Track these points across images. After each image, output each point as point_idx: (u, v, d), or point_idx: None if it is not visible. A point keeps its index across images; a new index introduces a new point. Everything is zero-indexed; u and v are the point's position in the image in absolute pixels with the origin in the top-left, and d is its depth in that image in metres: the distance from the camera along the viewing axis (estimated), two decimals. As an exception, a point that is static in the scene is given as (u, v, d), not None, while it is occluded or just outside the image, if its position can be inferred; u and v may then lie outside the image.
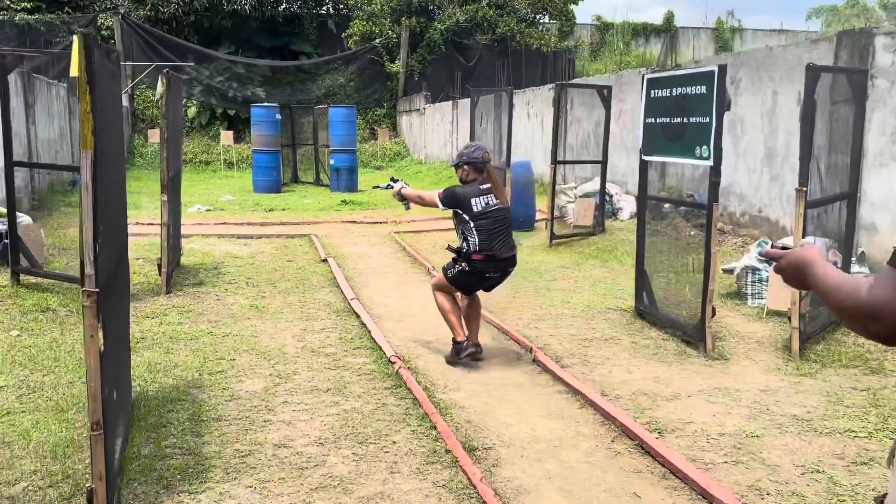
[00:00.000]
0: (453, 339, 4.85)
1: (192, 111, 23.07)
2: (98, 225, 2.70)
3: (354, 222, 11.13)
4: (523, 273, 7.55)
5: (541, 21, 26.12)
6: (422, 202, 4.97)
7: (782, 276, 1.54)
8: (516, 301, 6.48)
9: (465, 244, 4.72)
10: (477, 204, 4.67)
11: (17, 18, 21.59)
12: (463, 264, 4.72)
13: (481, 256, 4.68)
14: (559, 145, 9.98)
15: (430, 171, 19.30)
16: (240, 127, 22.29)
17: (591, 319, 5.90)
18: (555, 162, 8.66)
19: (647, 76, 5.72)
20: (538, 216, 10.46)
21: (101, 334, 2.75)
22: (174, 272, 7.13)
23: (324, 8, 26.61)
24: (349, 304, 6.26)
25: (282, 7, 24.97)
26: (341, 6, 26.56)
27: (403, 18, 23.01)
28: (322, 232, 10.22)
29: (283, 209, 12.59)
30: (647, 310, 5.85)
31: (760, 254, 1.86)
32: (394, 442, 3.65)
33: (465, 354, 4.78)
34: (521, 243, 9.22)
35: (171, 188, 6.81)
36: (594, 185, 10.18)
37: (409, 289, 6.99)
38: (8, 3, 21.97)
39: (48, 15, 22.33)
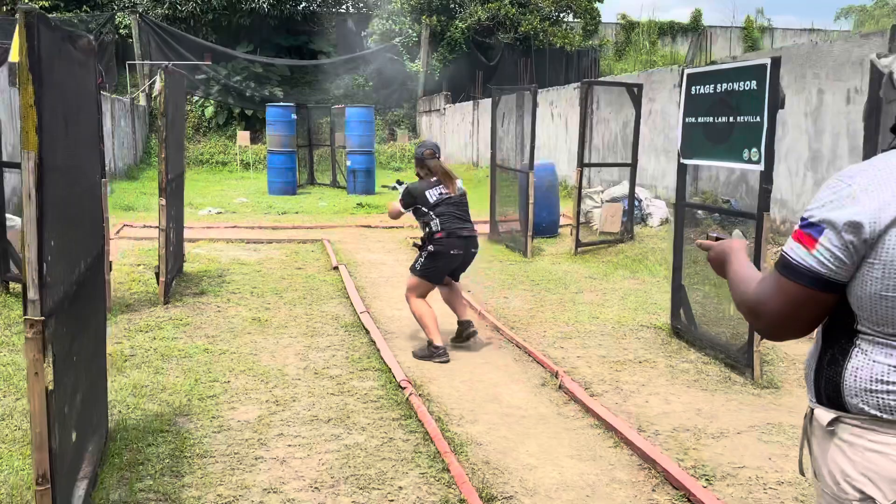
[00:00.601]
0: (429, 342, 4.95)
1: (209, 111, 22.82)
2: (45, 240, 2.25)
3: (369, 227, 10.68)
4: (546, 284, 7.04)
5: (564, 20, 25.55)
6: (394, 215, 5.35)
7: (711, 265, 1.65)
8: (539, 315, 5.98)
9: (427, 229, 5.04)
10: (431, 196, 5.03)
11: (35, 17, 21.42)
12: (429, 247, 5.00)
13: (443, 234, 4.98)
14: (585, 147, 9.46)
15: (449, 172, 18.83)
16: (257, 127, 21.98)
17: (623, 338, 5.37)
18: (581, 165, 8.15)
19: (687, 71, 5.19)
20: (562, 221, 9.94)
21: (48, 371, 2.30)
22: (175, 280, 6.72)
23: (343, 6, 26.27)
24: (359, 317, 5.80)
25: (301, 6, 24.66)
26: (361, 5, 26.20)
27: (424, 17, 22.59)
28: (335, 237, 9.78)
29: (297, 212, 12.18)
30: (684, 328, 5.32)
31: (697, 244, 1.89)
32: (400, 488, 3.17)
33: (437, 360, 4.86)
34: (544, 250, 8.73)
35: (172, 191, 6.40)
36: (622, 189, 9.64)
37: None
38: (26, 0, 21.82)
39: (66, 13, 22.18)
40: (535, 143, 8.15)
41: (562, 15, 25.36)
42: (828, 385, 1.40)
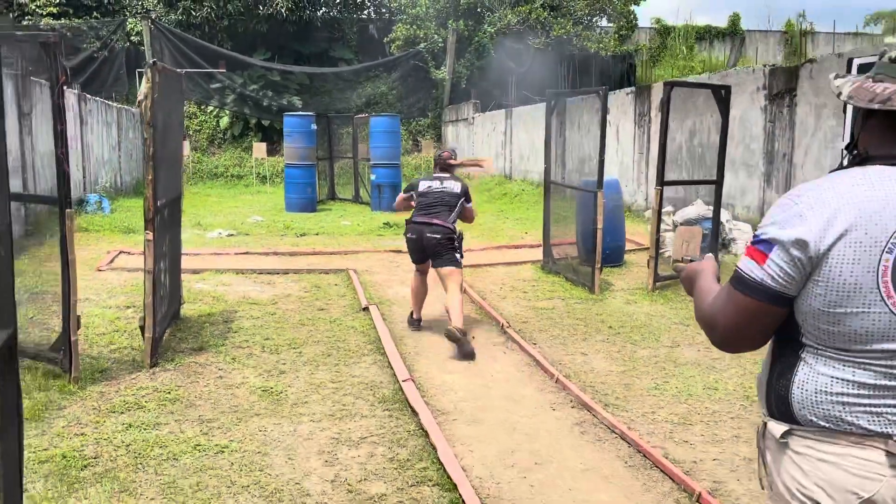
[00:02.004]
0: (411, 313, 5.96)
1: (224, 121, 21.67)
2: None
3: (400, 252, 9.27)
4: (630, 333, 5.63)
5: (597, 24, 24.17)
6: (398, 204, 6.05)
7: (683, 286, 1.82)
8: (636, 384, 4.57)
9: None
10: (423, 185, 5.70)
11: (42, 24, 20.42)
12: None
13: (410, 221, 5.70)
14: (644, 160, 8.07)
15: (479, 185, 17.44)
16: (275, 138, 20.78)
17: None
18: (662, 183, 6.74)
19: (857, 61, 3.78)
20: (628, 246, 8.52)
21: None
22: (169, 330, 5.39)
23: (365, 12, 25.10)
24: (401, 387, 4.42)
25: (320, 11, 23.49)
26: (383, 10, 25.00)
27: (450, 21, 21.30)
28: (362, 265, 8.43)
29: (317, 233, 10.85)
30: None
31: (672, 268, 1.94)
32: None
33: (411, 327, 5.87)
34: (613, 284, 7.31)
35: (164, 221, 5.08)
36: (696, 209, 8.21)
37: (481, 357, 5.12)
38: (34, 7, 20.85)
39: (75, 20, 21.16)
40: (604, 157, 6.76)
41: (595, 19, 23.99)
42: (778, 399, 1.47)
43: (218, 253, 8.98)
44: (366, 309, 6.35)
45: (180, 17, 21.78)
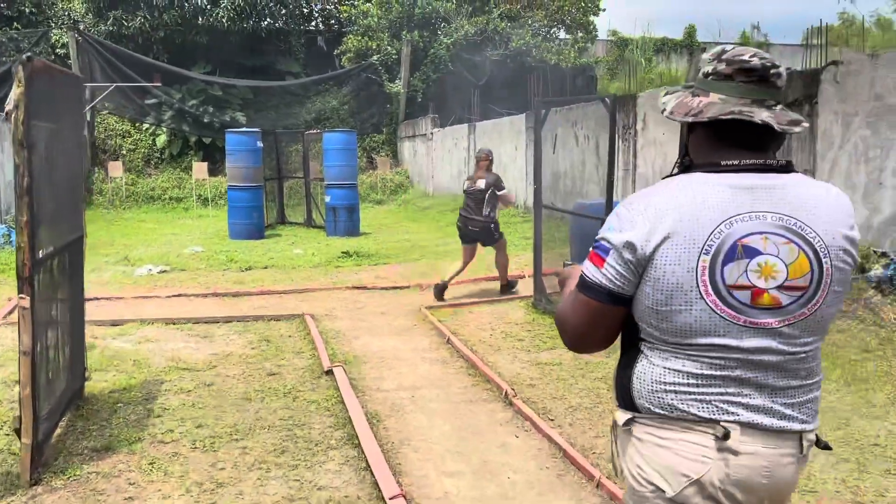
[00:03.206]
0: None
1: (161, 140, 19.98)
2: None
3: (365, 288, 8.00)
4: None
5: (556, 35, 23.35)
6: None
7: (559, 288, 1.87)
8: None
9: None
10: (465, 185, 7.51)
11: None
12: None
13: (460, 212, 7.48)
14: (635, 178, 6.98)
15: (440, 206, 16.23)
16: (217, 157, 19.16)
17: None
18: (682, 207, 5.62)
19: None
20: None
21: None
22: (67, 417, 4.00)
23: (313, 23, 23.75)
24: (389, 507, 3.14)
25: (265, 23, 22.04)
26: (333, 21, 23.70)
27: (404, 33, 20.14)
28: (320, 307, 7.10)
29: (266, 266, 9.45)
30: None
31: (554, 272, 2.09)
32: None
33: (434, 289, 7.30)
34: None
35: (55, 275, 3.71)
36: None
37: (489, 446, 3.87)
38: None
39: (-8, 31, 19.29)
40: (614, 177, 5.63)
41: (553, 30, 23.17)
42: (622, 389, 1.57)
43: (145, 296, 7.53)
44: (329, 372, 5.03)
45: (111, 28, 20.09)
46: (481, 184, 7.18)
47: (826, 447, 1.64)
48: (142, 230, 13.95)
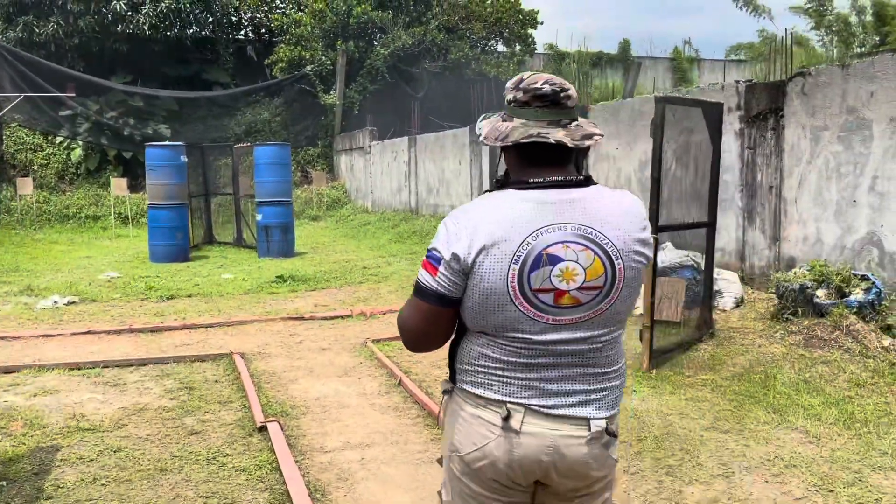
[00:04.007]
0: None
1: (76, 154, 18.63)
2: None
3: (302, 318, 7.23)
4: (651, 449, 3.86)
5: (494, 48, 23.01)
6: None
7: None
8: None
9: None
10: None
11: None
12: None
13: None
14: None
15: (380, 222, 15.53)
16: (139, 172, 17.94)
17: None
18: (657, 229, 5.11)
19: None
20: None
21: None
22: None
23: (242, 32, 22.74)
24: None
25: (190, 31, 20.94)
26: (263, 30, 22.74)
27: (339, 42, 19.40)
28: (252, 343, 6.31)
29: (190, 294, 8.54)
30: None
31: None
32: None
33: None
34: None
35: None
36: (673, 255, 6.69)
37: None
38: None
39: None
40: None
41: (491, 43, 22.82)
42: (450, 363, 1.80)
43: (48, 334, 6.57)
44: (262, 429, 4.28)
45: (21, 35, 18.66)
46: None
47: (612, 434, 1.74)
48: (52, 253, 12.75)
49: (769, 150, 6.72)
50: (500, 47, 23.36)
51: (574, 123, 1.71)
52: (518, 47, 22.79)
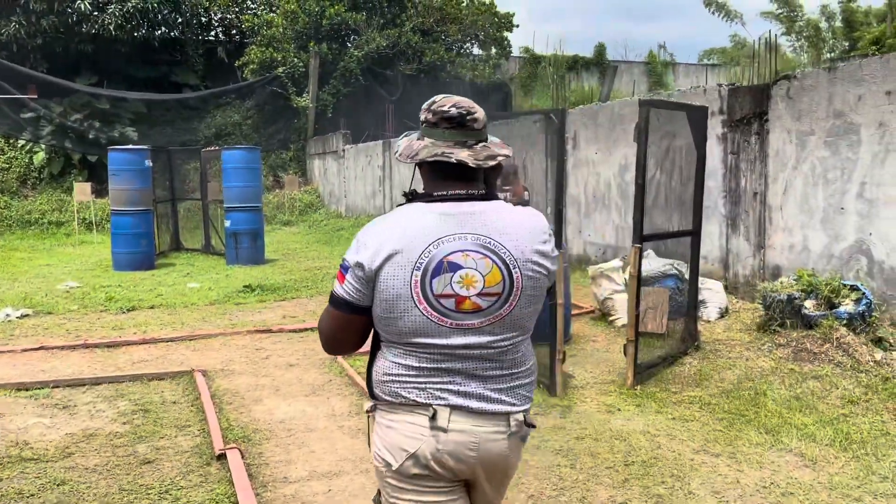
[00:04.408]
0: None
1: (39, 158, 18.02)
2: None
3: (269, 331, 6.89)
4: (639, 476, 3.60)
5: (470, 51, 22.79)
6: None
7: None
8: None
9: None
10: (500, 196, 5.02)
11: None
12: None
13: None
14: (582, 198, 6.25)
15: (355, 228, 15.17)
16: (105, 177, 17.29)
17: None
18: (641, 239, 4.87)
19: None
20: (575, 315, 6.64)
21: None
22: None
23: (212, 33, 22.27)
24: None
25: (158, 31, 20.42)
26: (234, 31, 22.29)
27: (311, 44, 19.03)
28: (215, 359, 5.97)
29: (152, 306, 8.15)
30: None
31: None
32: None
33: None
34: (573, 374, 5.31)
35: None
36: (654, 263, 6.46)
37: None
38: None
39: None
40: (563, 192, 4.84)
41: (466, 46, 22.59)
42: (368, 380, 1.88)
43: (-5, 351, 6.16)
44: (222, 456, 3.95)
45: (-20, 34, 18.04)
46: (527, 195, 6.56)
47: (531, 425, 1.88)
48: (11, 261, 12.23)
49: (753, 155, 6.54)
50: (476, 50, 23.16)
51: (481, 144, 1.85)
52: (494, 50, 22.61)
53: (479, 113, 1.87)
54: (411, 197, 1.87)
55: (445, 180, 1.84)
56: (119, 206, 11.00)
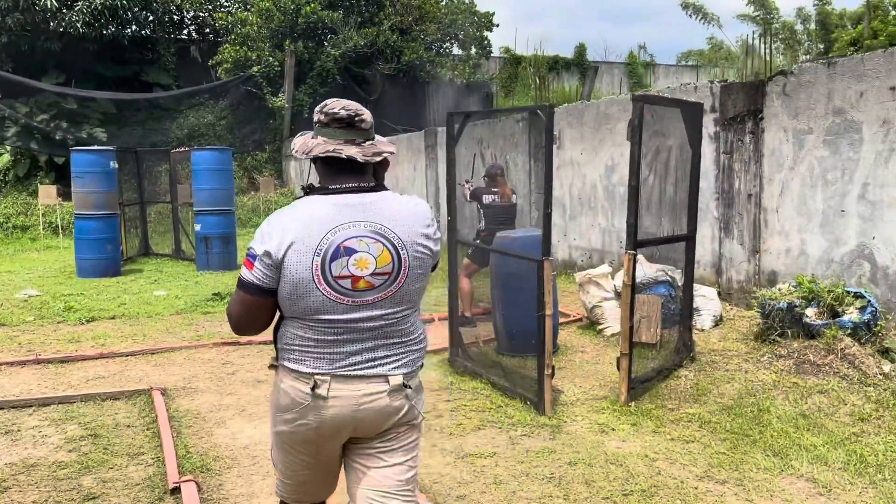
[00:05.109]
0: (462, 314, 5.92)
1: (4, 160, 17.41)
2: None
3: (237, 344, 6.47)
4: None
5: (449, 51, 22.43)
6: (467, 197, 6.55)
7: None
8: None
9: (480, 224, 6.46)
10: (486, 198, 6.48)
11: None
12: (476, 241, 6.36)
13: (486, 232, 6.26)
14: (567, 201, 5.97)
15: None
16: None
17: None
18: (635, 245, 4.52)
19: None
20: (560, 325, 6.28)
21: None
22: None
23: (185, 31, 21.69)
24: None
25: (128, 29, 19.83)
26: (207, 30, 21.74)
27: (287, 43, 18.56)
28: (177, 376, 5.54)
29: (113, 316, 7.67)
30: None
31: None
32: None
33: (461, 326, 5.60)
34: (562, 389, 4.96)
35: None
36: (650, 270, 6.13)
37: None
38: None
39: None
40: (551, 196, 4.48)
41: (446, 46, 22.23)
42: (274, 343, 2.16)
43: (-64, 369, 5.67)
44: (176, 490, 3.54)
45: (-58, 32, 17.37)
46: (515, 198, 6.78)
47: (408, 387, 2.13)
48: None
49: (748, 155, 6.24)
50: (456, 50, 22.81)
51: (368, 143, 2.11)
52: (474, 50, 22.27)
53: (367, 115, 2.12)
54: (309, 190, 2.10)
55: (338, 174, 2.09)
56: (83, 210, 10.49)
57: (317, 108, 2.14)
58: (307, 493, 2.27)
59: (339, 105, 2.10)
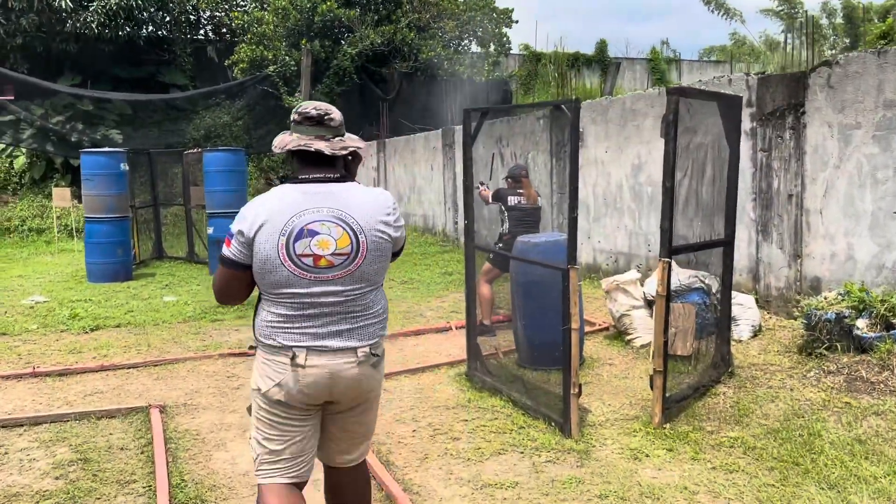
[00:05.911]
0: (480, 322, 5.79)
1: (20, 162, 17.31)
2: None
3: (245, 355, 6.15)
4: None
5: (468, 48, 22.02)
6: (485, 199, 6.40)
7: None
8: None
9: (503, 227, 6.21)
10: (511, 200, 6.24)
11: None
12: (499, 245, 6.15)
13: (509, 235, 6.04)
14: (589, 203, 5.58)
15: (348, 233, 14.42)
16: (88, 181, 16.68)
17: None
18: (670, 252, 4.12)
19: None
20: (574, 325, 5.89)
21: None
22: None
23: (201, 31, 21.51)
24: None
25: (145, 30, 19.68)
26: (224, 30, 21.54)
27: (303, 42, 18.27)
28: (179, 390, 5.23)
29: (119, 324, 7.40)
30: None
31: None
32: None
33: (479, 336, 5.29)
34: (590, 409, 4.57)
35: None
36: (683, 276, 5.71)
37: None
38: None
39: None
40: (577, 197, 4.09)
41: (464, 43, 21.83)
42: (253, 325, 2.42)
43: (-71, 383, 5.41)
44: (166, 526, 3.21)
45: (-44, 34, 17.30)
46: (541, 201, 6.66)
47: (375, 355, 2.43)
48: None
49: (788, 152, 5.80)
50: (474, 47, 22.40)
51: (337, 138, 2.43)
52: (492, 47, 21.84)
53: (336, 114, 2.44)
54: (283, 179, 2.06)
55: (309, 166, 2.39)
56: (93, 213, 10.26)
57: (294, 110, 2.43)
58: (290, 465, 2.43)
59: (311, 106, 2.41)
